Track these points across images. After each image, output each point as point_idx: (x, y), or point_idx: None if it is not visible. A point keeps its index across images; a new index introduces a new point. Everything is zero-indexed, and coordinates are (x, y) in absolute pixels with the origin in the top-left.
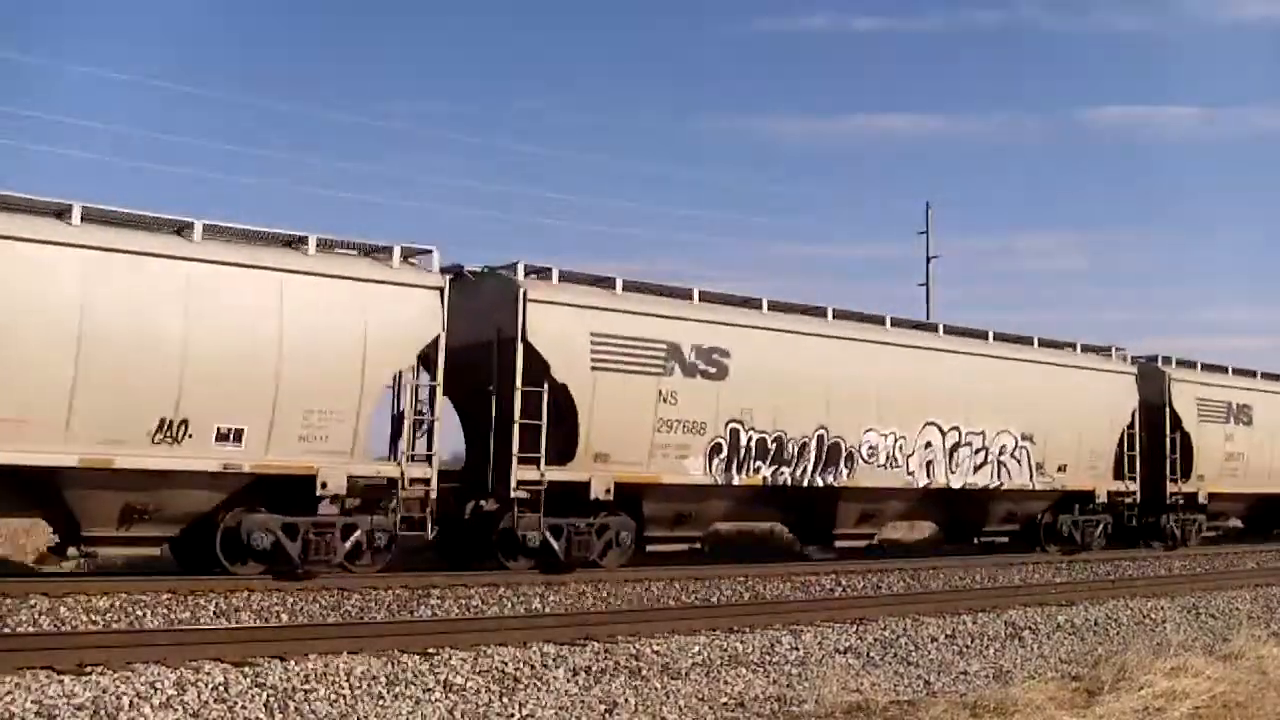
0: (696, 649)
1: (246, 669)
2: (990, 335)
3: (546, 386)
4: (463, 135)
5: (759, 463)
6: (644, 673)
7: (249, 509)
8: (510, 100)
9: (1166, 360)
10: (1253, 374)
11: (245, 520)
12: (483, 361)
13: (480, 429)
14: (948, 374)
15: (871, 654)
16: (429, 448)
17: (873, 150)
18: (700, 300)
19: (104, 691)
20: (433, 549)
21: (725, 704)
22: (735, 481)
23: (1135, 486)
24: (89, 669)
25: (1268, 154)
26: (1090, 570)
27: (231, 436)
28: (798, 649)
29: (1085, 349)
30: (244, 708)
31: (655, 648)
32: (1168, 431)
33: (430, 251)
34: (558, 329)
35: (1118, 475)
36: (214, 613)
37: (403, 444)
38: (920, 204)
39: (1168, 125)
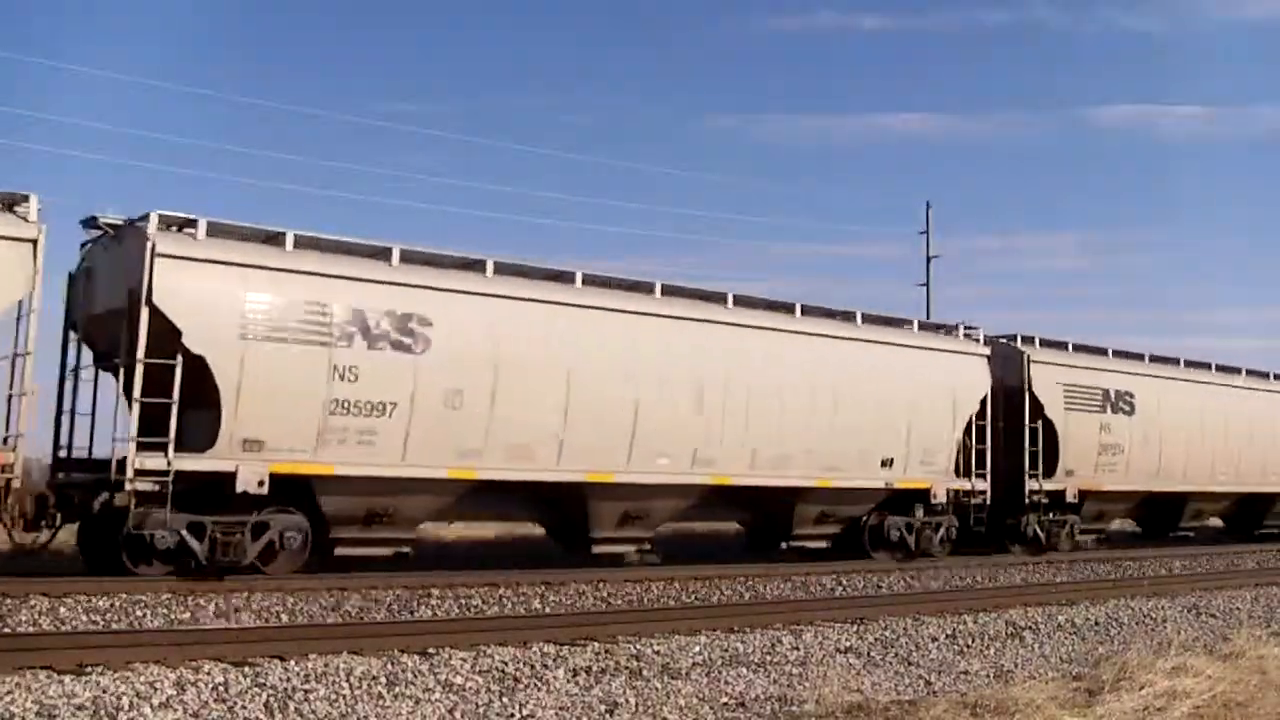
0: (697, 649)
1: (246, 669)
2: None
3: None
4: (463, 135)
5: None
6: (644, 673)
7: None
8: (511, 100)
9: None
10: None
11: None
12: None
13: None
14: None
15: (872, 654)
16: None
17: (876, 149)
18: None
19: (104, 691)
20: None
21: (726, 704)
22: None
23: None
24: (89, 669)
25: (1273, 153)
26: (1091, 570)
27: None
28: (798, 649)
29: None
30: (244, 708)
31: (655, 648)
32: None
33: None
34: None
35: None
36: (214, 613)
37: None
38: (922, 203)
39: (1174, 124)
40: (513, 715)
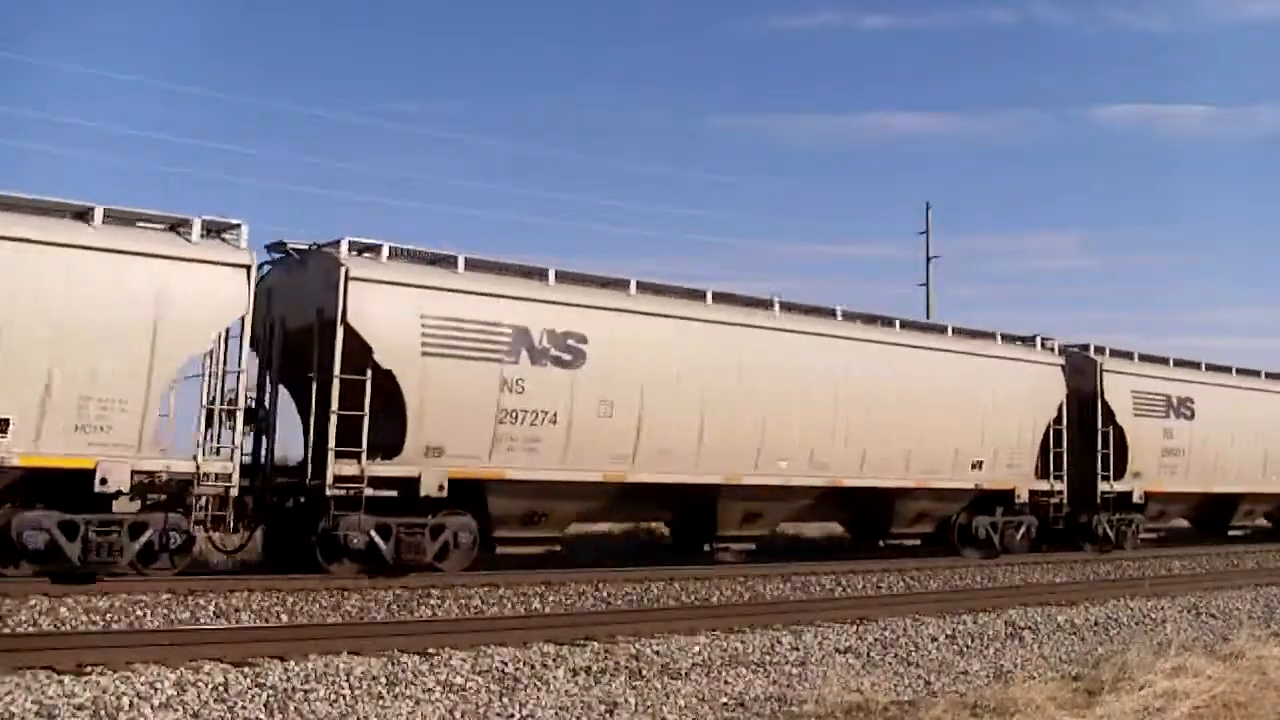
0: (696, 649)
1: (246, 669)
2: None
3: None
4: (463, 135)
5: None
6: (644, 673)
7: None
8: (512, 100)
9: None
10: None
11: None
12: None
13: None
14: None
15: (872, 654)
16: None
17: (879, 149)
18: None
19: (104, 691)
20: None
21: (725, 704)
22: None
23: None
24: (89, 669)
25: (1276, 153)
26: (1090, 570)
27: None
28: (798, 649)
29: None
30: (244, 708)
31: (655, 648)
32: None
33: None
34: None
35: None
36: (214, 613)
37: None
38: (923, 203)
39: (1177, 124)
40: (513, 715)
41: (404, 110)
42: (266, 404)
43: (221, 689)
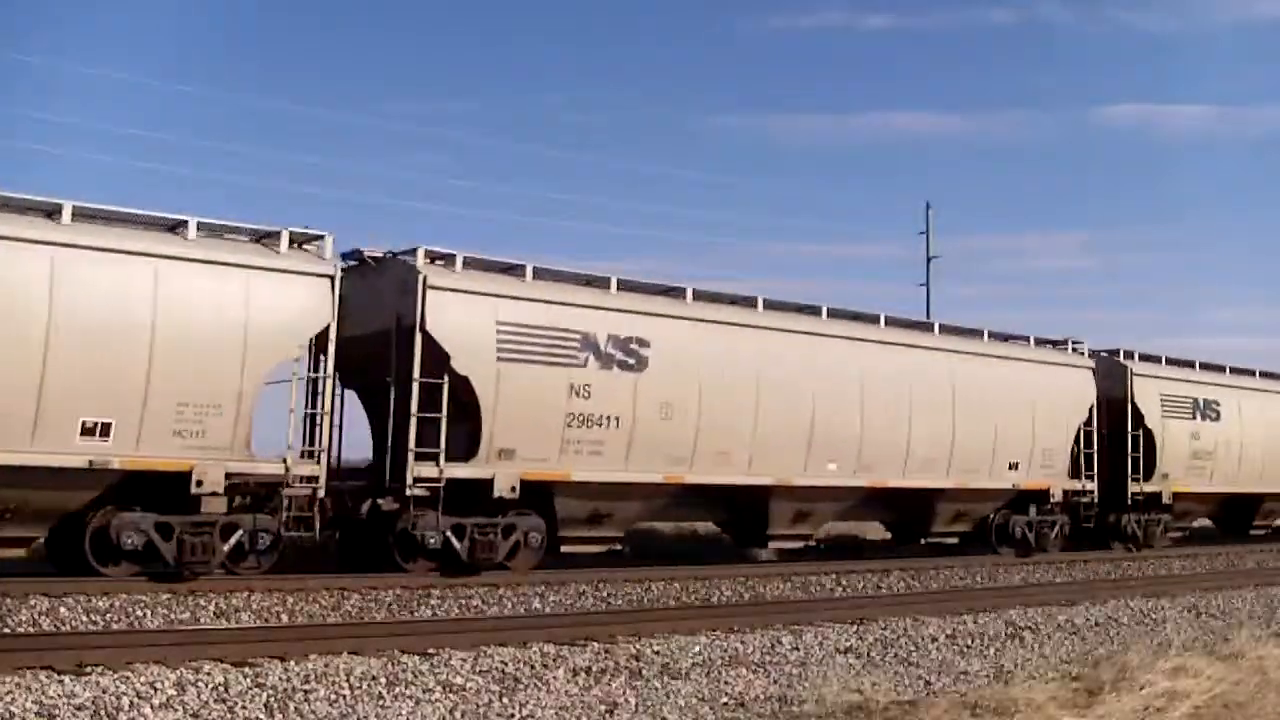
0: (696, 649)
1: (246, 669)
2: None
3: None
4: (463, 135)
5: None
6: (644, 673)
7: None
8: (513, 100)
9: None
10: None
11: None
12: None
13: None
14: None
15: (872, 654)
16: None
17: (879, 149)
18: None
19: (104, 691)
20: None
21: (725, 704)
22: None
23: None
24: (89, 669)
25: (1278, 152)
26: (1091, 570)
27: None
28: (798, 649)
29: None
30: (244, 708)
31: (655, 648)
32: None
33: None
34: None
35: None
36: (214, 613)
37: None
38: (925, 203)
39: (1179, 124)
40: (513, 715)
41: (404, 110)
42: None
43: (221, 689)
